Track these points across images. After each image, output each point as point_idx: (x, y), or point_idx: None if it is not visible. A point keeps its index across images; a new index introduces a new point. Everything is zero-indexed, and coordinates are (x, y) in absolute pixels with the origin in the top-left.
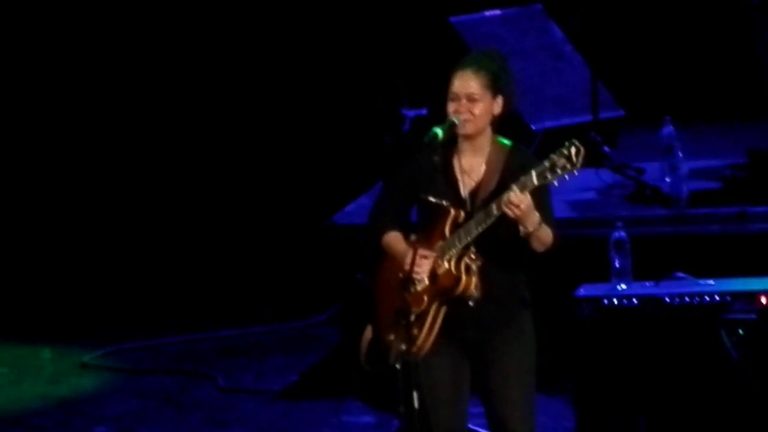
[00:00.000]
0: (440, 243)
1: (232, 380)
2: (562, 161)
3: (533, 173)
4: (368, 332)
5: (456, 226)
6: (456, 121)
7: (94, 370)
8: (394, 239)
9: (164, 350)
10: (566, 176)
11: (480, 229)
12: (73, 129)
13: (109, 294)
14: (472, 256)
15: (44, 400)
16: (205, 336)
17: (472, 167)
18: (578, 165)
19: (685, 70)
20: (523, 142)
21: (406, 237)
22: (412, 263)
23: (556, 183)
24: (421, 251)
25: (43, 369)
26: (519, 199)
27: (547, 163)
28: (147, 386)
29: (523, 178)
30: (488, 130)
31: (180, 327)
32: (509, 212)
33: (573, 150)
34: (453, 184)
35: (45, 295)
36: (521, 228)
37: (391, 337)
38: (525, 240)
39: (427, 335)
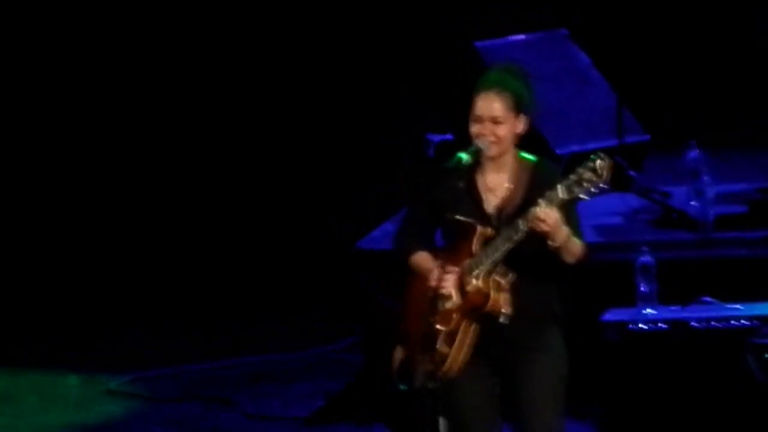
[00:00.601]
0: (468, 260)
1: (257, 406)
2: (588, 174)
3: (560, 187)
4: (399, 352)
5: (483, 242)
6: (482, 147)
7: (120, 396)
8: (423, 258)
9: (190, 376)
10: (593, 189)
11: (508, 245)
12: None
13: (136, 320)
14: (502, 272)
15: (71, 427)
16: (231, 362)
17: (496, 184)
18: (605, 177)
19: (710, 93)
20: None
21: (434, 257)
22: (439, 279)
23: (584, 197)
24: (447, 267)
25: (69, 396)
26: (546, 214)
27: (573, 177)
28: (173, 413)
29: (549, 193)
30: (511, 149)
31: (206, 353)
32: (537, 228)
33: (599, 162)
34: (477, 201)
35: (71, 321)
36: (550, 242)
37: (419, 357)
38: (555, 253)
39: (456, 353)
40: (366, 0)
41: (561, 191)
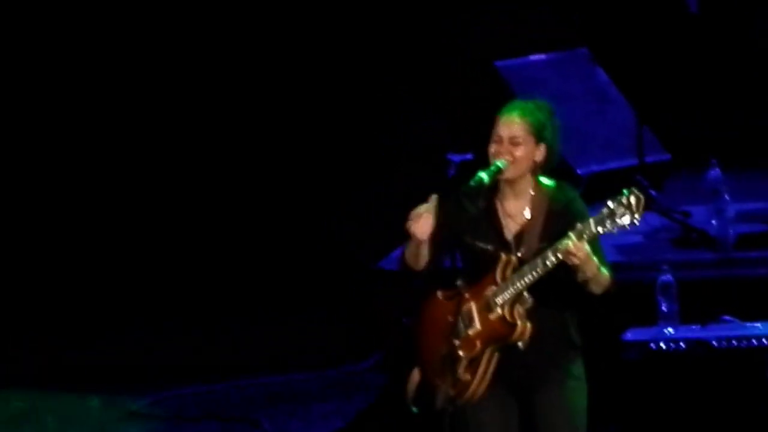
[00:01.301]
0: (493, 288)
1: (278, 426)
2: (621, 210)
3: (592, 222)
4: (416, 374)
5: (508, 271)
6: (502, 166)
7: (141, 418)
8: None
9: (211, 396)
10: (627, 226)
11: (535, 275)
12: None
13: (157, 341)
14: (524, 301)
15: None
16: (252, 381)
17: (515, 211)
18: (639, 214)
19: (731, 112)
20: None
21: (453, 283)
22: (458, 311)
23: (615, 232)
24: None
25: (89, 418)
26: (577, 248)
27: (605, 211)
28: None
29: (580, 226)
30: (529, 176)
31: (226, 373)
32: (568, 261)
33: (633, 199)
34: (497, 228)
35: (92, 342)
36: (579, 274)
37: (439, 380)
38: (581, 284)
39: (480, 381)
40: (385, 11)
41: (594, 225)
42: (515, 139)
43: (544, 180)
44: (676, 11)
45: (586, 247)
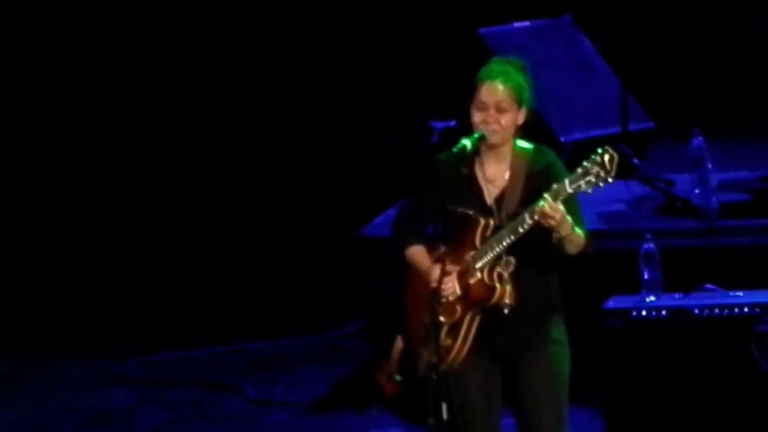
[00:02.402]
0: (471, 253)
1: (261, 392)
2: (595, 169)
3: (566, 182)
4: (399, 343)
5: (486, 235)
6: (485, 133)
7: (124, 381)
8: (418, 254)
9: (194, 361)
10: (600, 183)
11: (513, 238)
12: (95, 137)
13: (140, 305)
14: (504, 264)
15: (74, 411)
16: (235, 347)
17: (495, 175)
18: (612, 172)
19: (715, 81)
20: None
21: (434, 248)
22: (440, 280)
23: (590, 191)
24: (447, 265)
25: (73, 380)
26: (553, 209)
27: (580, 171)
28: (177, 397)
29: (556, 187)
30: (510, 140)
31: (210, 338)
32: (544, 222)
33: (606, 157)
34: (477, 193)
35: (76, 306)
36: (554, 234)
37: (422, 348)
38: (558, 245)
39: (461, 346)
40: None
41: (568, 185)
42: (501, 106)
43: (523, 143)
44: None
45: (561, 207)
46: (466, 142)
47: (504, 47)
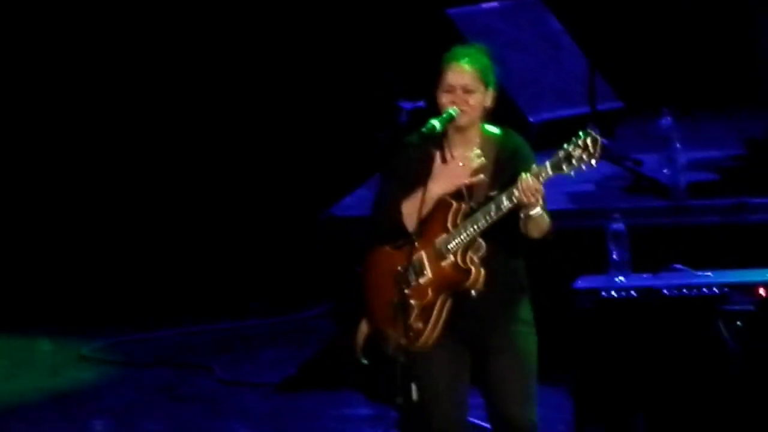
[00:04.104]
0: (443, 236)
1: (229, 372)
2: (578, 152)
3: (548, 164)
4: (363, 326)
5: (458, 218)
6: (454, 113)
7: (92, 362)
8: (409, 200)
9: (162, 342)
10: (583, 167)
11: (488, 219)
12: (68, 123)
13: (107, 286)
14: (476, 248)
15: (42, 392)
16: (203, 328)
17: (464, 159)
18: (596, 155)
19: (682, 60)
20: (519, 134)
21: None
22: (408, 260)
23: (572, 174)
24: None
25: (41, 361)
26: (536, 182)
27: (561, 154)
28: (145, 378)
29: (536, 168)
30: (477, 123)
31: (178, 319)
32: (524, 198)
33: (589, 140)
34: None
35: (43, 286)
36: (527, 213)
37: (390, 329)
38: (523, 228)
39: (432, 329)
40: None
41: (550, 168)
42: (468, 87)
43: (491, 128)
44: None
45: (541, 186)
46: (435, 123)
47: (472, 27)
